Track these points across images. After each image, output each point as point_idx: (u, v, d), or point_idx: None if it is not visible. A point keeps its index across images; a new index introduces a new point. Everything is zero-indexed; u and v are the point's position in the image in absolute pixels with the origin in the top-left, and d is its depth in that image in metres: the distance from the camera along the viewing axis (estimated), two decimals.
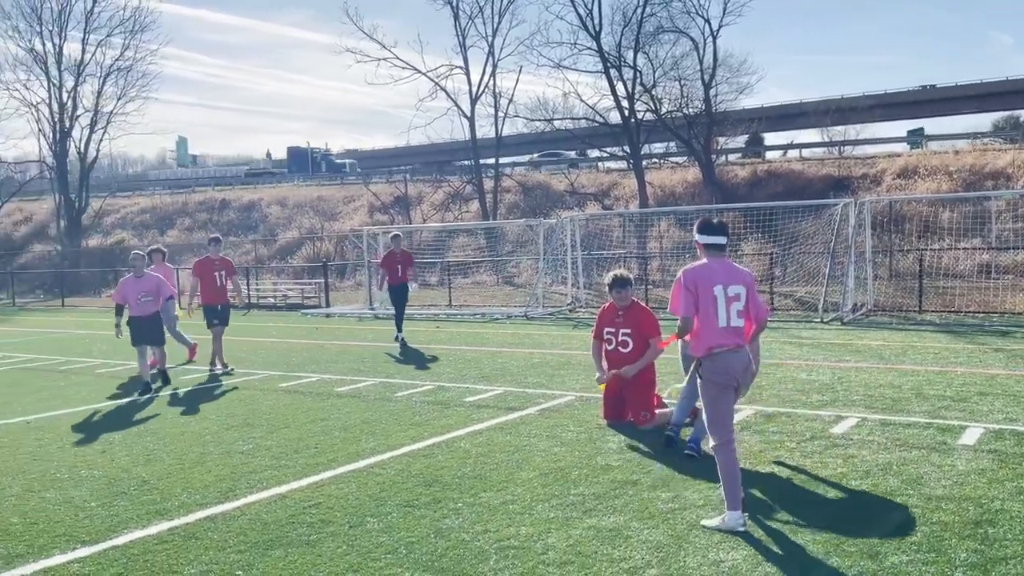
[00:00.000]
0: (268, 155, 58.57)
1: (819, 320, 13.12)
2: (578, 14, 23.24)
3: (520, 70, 23.45)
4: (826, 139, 36.15)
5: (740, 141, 35.92)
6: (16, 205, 34.11)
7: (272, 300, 20.51)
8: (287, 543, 3.90)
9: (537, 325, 14.51)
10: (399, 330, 11.59)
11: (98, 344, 13.35)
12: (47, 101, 26.91)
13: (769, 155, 34.81)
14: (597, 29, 23.88)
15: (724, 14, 24.02)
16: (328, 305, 17.71)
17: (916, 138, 33.14)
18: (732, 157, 33.32)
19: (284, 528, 4.23)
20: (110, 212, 34.06)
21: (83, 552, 3.79)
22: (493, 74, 23.96)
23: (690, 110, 25.22)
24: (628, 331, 5.31)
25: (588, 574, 3.40)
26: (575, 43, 23.27)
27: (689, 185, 28.26)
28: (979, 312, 13.67)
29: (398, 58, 24.08)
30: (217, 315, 8.59)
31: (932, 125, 38.50)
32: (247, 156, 61.51)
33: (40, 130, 27.01)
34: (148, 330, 7.77)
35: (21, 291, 24.32)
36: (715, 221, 4.23)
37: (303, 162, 51.83)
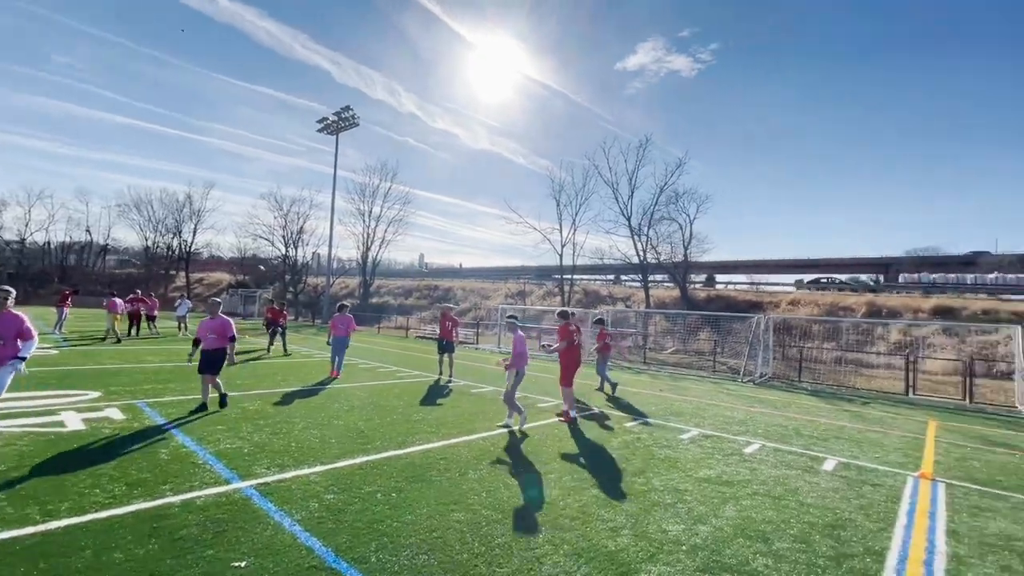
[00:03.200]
0: (461, 265, 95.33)
1: (740, 380, 15.15)
2: (620, 209, 36.63)
3: (587, 233, 43.10)
4: (750, 280, 51.63)
5: (703, 277, 51.89)
6: (341, 280, 53.73)
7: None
8: (425, 480, 4.63)
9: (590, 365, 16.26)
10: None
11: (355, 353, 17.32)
12: (362, 234, 45.49)
13: (718, 286, 48.27)
14: (628, 215, 36.40)
15: (696, 212, 35.91)
16: (477, 343, 25.46)
17: (800, 284, 48.79)
18: (698, 285, 46.05)
19: (424, 469, 4.92)
20: (383, 286, 54.51)
21: (319, 467, 4.70)
22: (573, 232, 37.92)
23: (676, 259, 36.49)
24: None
25: (586, 528, 3.80)
26: (617, 222, 37.49)
27: (672, 299, 36.79)
28: (834, 385, 15.39)
29: (527, 222, 41.76)
30: (447, 347, 11.88)
31: (809, 278, 52.88)
32: (445, 264, 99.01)
33: (357, 246, 46.21)
34: (208, 362, 7.08)
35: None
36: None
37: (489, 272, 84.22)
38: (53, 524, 3.32)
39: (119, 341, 15.91)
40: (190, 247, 57.58)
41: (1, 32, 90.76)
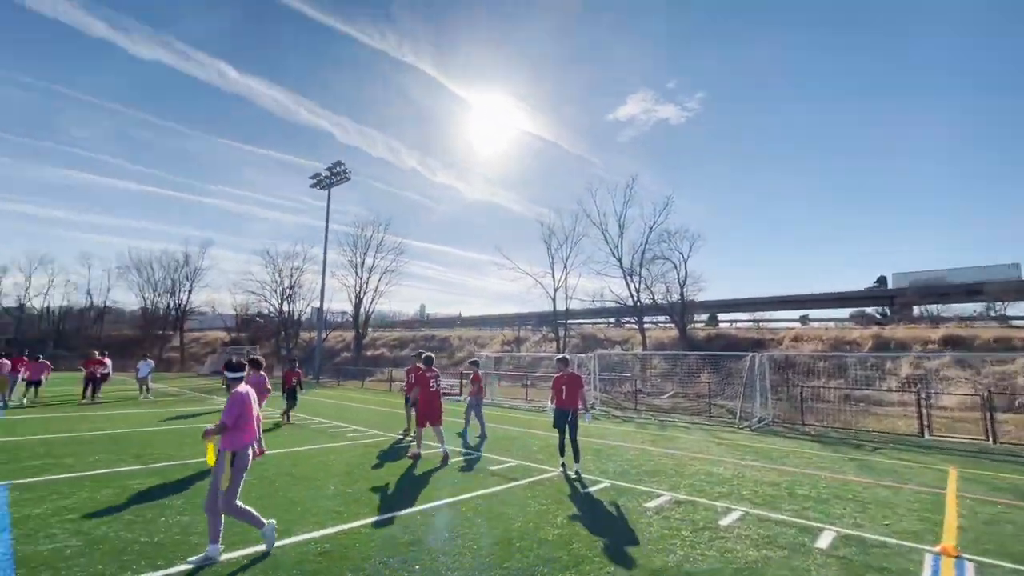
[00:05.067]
0: (460, 314, 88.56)
1: (737, 426, 13.68)
2: (611, 250, 36.23)
3: (580, 276, 51.18)
4: (752, 317, 49.77)
5: (705, 317, 49.78)
6: (337, 333, 53.68)
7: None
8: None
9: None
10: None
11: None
12: (355, 286, 45.43)
13: (722, 325, 46.08)
14: (620, 256, 35.87)
15: (690, 250, 34.86)
16: (461, 393, 22.18)
17: (804, 320, 46.75)
18: (699, 325, 44.10)
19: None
20: (380, 338, 53.94)
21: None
22: (565, 276, 37.69)
23: (672, 299, 35.31)
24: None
25: None
26: (608, 262, 36.71)
27: (671, 340, 35.15)
28: (840, 428, 13.94)
29: (519, 268, 39.68)
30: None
31: (813, 313, 51.67)
32: (448, 314, 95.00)
33: (350, 298, 46.00)
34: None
35: (330, 375, 39.34)
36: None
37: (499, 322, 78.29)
38: None
39: (5, 406, 15.06)
40: (184, 307, 57.45)
41: (23, 108, 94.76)
